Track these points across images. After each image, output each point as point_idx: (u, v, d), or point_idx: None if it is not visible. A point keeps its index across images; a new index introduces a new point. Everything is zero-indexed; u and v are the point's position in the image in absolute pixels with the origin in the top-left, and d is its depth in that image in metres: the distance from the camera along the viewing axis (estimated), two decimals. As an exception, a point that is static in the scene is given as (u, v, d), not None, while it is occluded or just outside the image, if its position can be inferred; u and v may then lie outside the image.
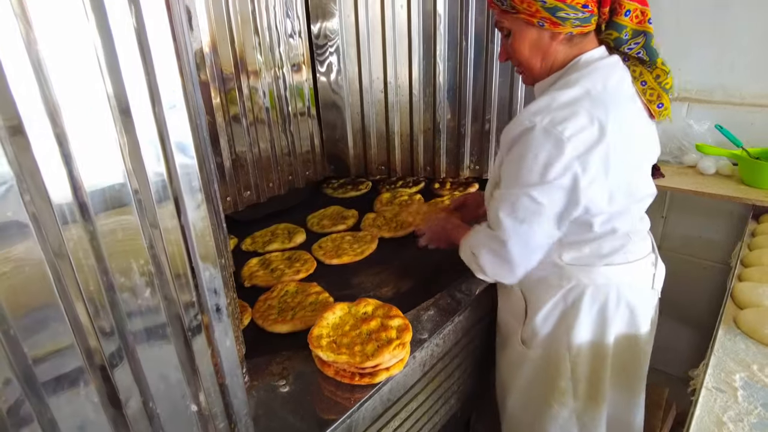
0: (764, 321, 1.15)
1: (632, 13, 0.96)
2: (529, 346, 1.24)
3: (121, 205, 0.57)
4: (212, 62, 1.56)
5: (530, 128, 0.96)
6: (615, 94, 1.01)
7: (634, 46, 1.01)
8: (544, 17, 0.97)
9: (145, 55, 0.55)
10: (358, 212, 1.82)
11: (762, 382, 1.03)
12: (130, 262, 0.60)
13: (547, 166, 0.96)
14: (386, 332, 1.06)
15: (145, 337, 0.64)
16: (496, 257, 1.08)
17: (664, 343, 2.41)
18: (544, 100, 0.99)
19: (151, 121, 0.57)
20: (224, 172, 1.70)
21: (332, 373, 1.02)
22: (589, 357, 1.20)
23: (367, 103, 1.95)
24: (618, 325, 1.18)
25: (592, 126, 0.95)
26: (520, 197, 1.00)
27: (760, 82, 1.84)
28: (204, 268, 0.68)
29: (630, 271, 1.16)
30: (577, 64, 1.03)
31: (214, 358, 0.72)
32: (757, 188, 1.75)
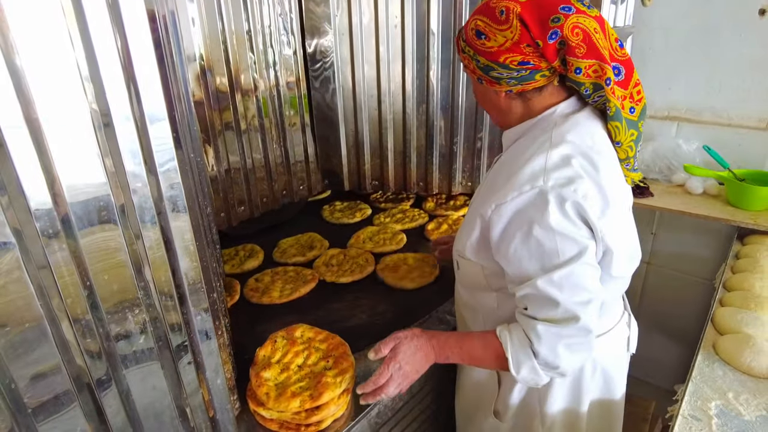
0: (742, 348, 1.19)
1: (585, 70, 0.86)
2: (501, 419, 1.15)
3: (105, 222, 0.60)
4: (207, 80, 1.58)
5: (537, 194, 0.86)
6: (603, 149, 0.92)
7: (598, 99, 0.91)
8: (481, 75, 0.93)
9: (127, 71, 0.57)
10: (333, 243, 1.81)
11: (736, 411, 1.06)
12: (119, 293, 0.62)
13: (578, 223, 0.86)
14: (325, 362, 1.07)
15: (138, 377, 0.66)
16: (580, 347, 0.91)
17: (652, 356, 2.45)
18: (536, 163, 0.88)
19: (134, 137, 0.59)
20: (218, 188, 1.72)
21: (276, 427, 1.01)
22: (564, 428, 1.12)
23: (361, 119, 1.97)
24: (593, 393, 1.12)
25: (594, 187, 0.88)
26: (572, 272, 0.86)
27: (748, 104, 1.88)
28: (195, 312, 0.70)
29: (606, 340, 1.09)
30: (551, 117, 0.95)
31: (205, 395, 0.75)
32: (743, 209, 1.78)
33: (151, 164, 0.61)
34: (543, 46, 0.85)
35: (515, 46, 0.86)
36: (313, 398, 0.98)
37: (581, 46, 0.84)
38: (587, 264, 0.88)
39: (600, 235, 0.88)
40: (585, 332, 0.89)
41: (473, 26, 0.90)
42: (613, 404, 1.17)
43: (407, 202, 2.14)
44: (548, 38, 0.84)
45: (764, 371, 1.14)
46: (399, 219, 1.98)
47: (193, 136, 1.18)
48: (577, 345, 0.90)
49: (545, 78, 0.90)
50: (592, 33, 0.84)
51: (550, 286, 0.87)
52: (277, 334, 1.14)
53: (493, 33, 0.87)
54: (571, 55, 0.85)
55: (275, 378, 1.03)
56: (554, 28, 0.83)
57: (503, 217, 0.89)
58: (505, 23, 0.85)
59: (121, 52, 0.55)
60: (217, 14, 1.57)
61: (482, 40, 0.89)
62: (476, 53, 0.90)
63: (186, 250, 0.66)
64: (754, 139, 1.89)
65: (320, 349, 1.11)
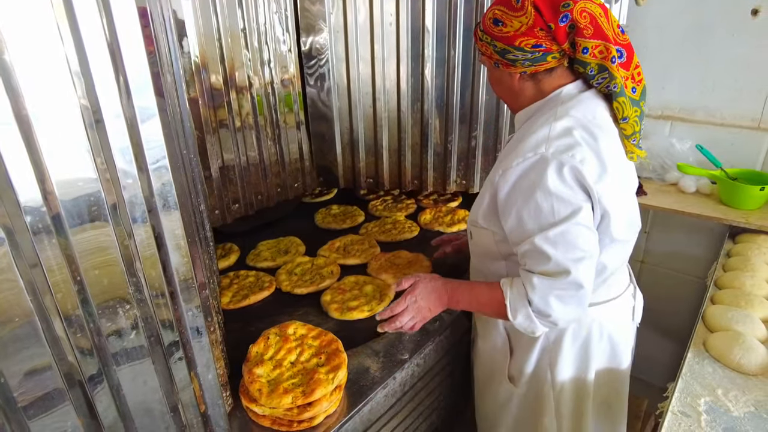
0: (732, 345, 1.20)
1: (591, 50, 0.95)
2: (516, 384, 1.25)
3: (95, 219, 0.60)
4: (202, 78, 1.58)
5: (538, 160, 0.95)
6: (603, 124, 1.00)
7: (601, 81, 0.99)
8: (498, 59, 1.02)
9: (118, 67, 0.56)
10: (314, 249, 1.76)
11: (725, 407, 1.07)
12: (110, 291, 0.62)
13: (575, 187, 0.94)
14: (318, 358, 1.08)
15: (129, 374, 0.67)
16: (571, 300, 0.99)
17: (645, 353, 2.46)
18: (540, 133, 0.98)
19: (124, 133, 0.59)
20: (212, 185, 1.72)
21: (268, 424, 1.01)
22: (572, 394, 1.21)
23: (356, 117, 1.98)
24: (600, 359, 1.19)
25: (593, 155, 0.95)
26: (569, 229, 0.95)
27: (740, 104, 1.89)
28: (187, 308, 0.70)
29: (612, 307, 1.17)
30: (558, 97, 1.03)
31: (197, 392, 0.75)
32: (735, 208, 1.80)
33: (141, 161, 0.61)
34: (555, 29, 0.94)
35: (529, 30, 0.95)
36: (305, 394, 0.99)
37: (589, 28, 0.93)
38: (581, 225, 0.96)
39: (597, 197, 0.96)
40: (576, 286, 0.98)
41: (491, 15, 1.00)
42: (620, 373, 1.24)
43: (404, 212, 2.03)
44: (560, 21, 0.93)
45: (753, 368, 1.15)
46: (387, 230, 1.88)
47: (187, 133, 1.18)
48: (568, 297, 0.99)
49: (556, 60, 0.99)
50: (597, 17, 0.94)
51: (545, 243, 0.97)
52: (270, 330, 1.14)
53: (510, 19, 0.97)
54: (580, 36, 0.94)
55: (268, 374, 1.04)
56: (565, 12, 0.93)
57: (509, 181, 1.00)
58: (521, 10, 0.95)
59: (111, 47, 0.55)
60: (212, 11, 1.56)
61: (499, 27, 0.98)
62: (493, 39, 1.00)
63: (177, 246, 0.66)
64: (747, 138, 1.90)
65: (313, 345, 1.11)
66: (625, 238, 1.10)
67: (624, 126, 1.02)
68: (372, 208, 2.09)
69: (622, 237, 1.07)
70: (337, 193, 2.30)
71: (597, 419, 1.25)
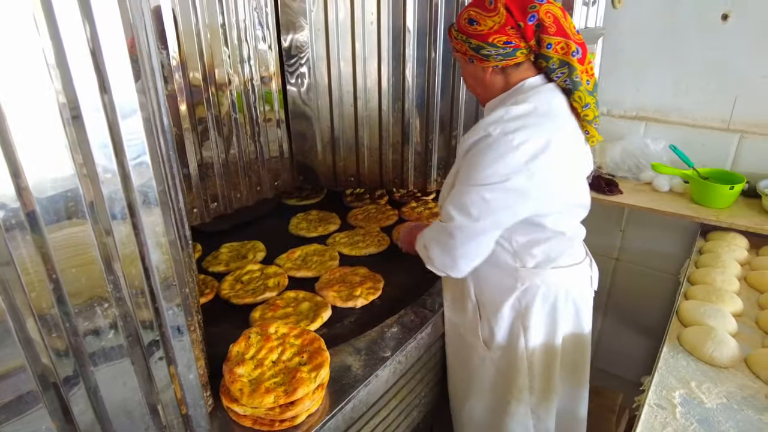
0: (704, 339, 1.23)
1: (554, 45, 1.07)
2: (489, 347, 1.32)
3: (73, 217, 0.58)
4: (180, 75, 1.55)
5: (485, 136, 1.08)
6: (557, 113, 1.13)
7: (561, 75, 1.12)
8: (472, 55, 1.13)
9: (97, 60, 0.55)
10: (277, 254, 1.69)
11: (699, 399, 1.10)
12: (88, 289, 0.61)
13: (498, 168, 1.06)
14: (300, 357, 1.08)
15: (108, 374, 0.65)
16: (444, 249, 1.18)
17: (620, 349, 2.52)
18: (498, 113, 1.10)
19: (104, 128, 0.57)
20: (191, 183, 1.69)
21: (250, 424, 1.01)
22: (543, 354, 1.31)
23: (337, 116, 1.97)
24: (565, 322, 1.30)
25: (538, 136, 1.07)
26: (470, 194, 1.10)
27: (711, 105, 1.95)
28: (167, 307, 0.69)
29: (575, 272, 1.28)
30: (522, 88, 1.16)
31: (177, 392, 0.74)
32: (706, 207, 1.85)
33: (122, 157, 0.60)
34: (524, 27, 1.06)
35: (501, 29, 1.07)
36: (287, 394, 0.98)
37: (552, 26, 1.06)
38: (479, 195, 1.08)
39: (529, 173, 1.06)
40: (449, 236, 1.15)
41: (466, 16, 1.12)
42: (583, 335, 1.36)
43: (380, 224, 1.92)
44: (528, 20, 1.06)
45: (725, 361, 1.19)
46: (354, 242, 1.78)
47: (165, 130, 1.16)
48: (441, 245, 1.19)
49: (523, 55, 1.11)
50: (559, 17, 1.07)
51: (454, 195, 1.14)
52: (251, 330, 1.13)
53: (483, 19, 1.09)
54: (545, 33, 1.07)
55: (249, 374, 1.03)
56: (532, 12, 1.06)
57: (463, 150, 1.14)
58: (493, 11, 1.08)
59: (91, 40, 0.54)
60: (191, 7, 1.54)
61: (474, 26, 1.10)
62: (468, 37, 1.12)
63: (158, 244, 0.65)
64: (717, 139, 1.96)
65: (295, 344, 1.11)
66: (571, 210, 1.22)
67: (587, 112, 1.16)
68: (351, 217, 2.00)
69: (566, 208, 1.19)
70: (324, 197, 2.22)
71: (564, 379, 1.37)
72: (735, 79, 1.88)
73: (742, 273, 1.58)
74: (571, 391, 1.39)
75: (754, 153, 1.91)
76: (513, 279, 1.24)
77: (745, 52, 1.82)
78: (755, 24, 1.78)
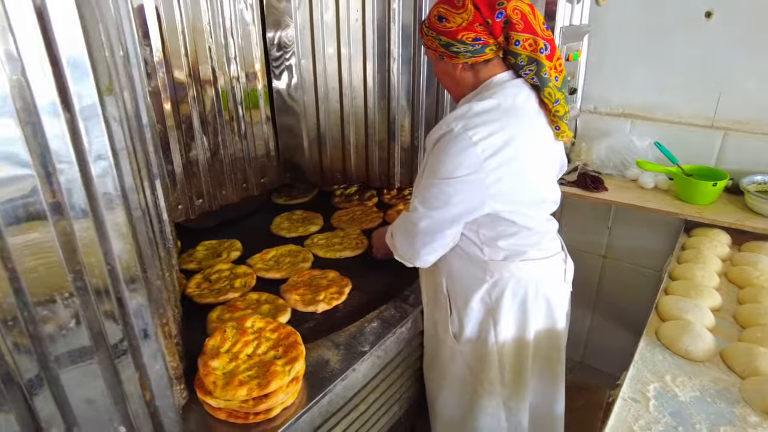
0: (681, 333, 1.24)
1: (522, 42, 1.08)
2: (458, 341, 1.33)
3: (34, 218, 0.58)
4: (164, 72, 1.56)
5: (448, 132, 1.10)
6: (522, 109, 1.15)
7: (529, 71, 1.13)
8: (442, 52, 1.15)
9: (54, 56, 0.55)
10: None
11: (672, 392, 1.11)
12: (51, 285, 0.61)
13: (458, 163, 1.08)
14: (275, 351, 1.08)
15: (67, 361, 0.66)
16: (406, 238, 1.23)
17: (607, 346, 2.53)
18: (462, 109, 1.13)
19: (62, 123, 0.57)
20: (176, 180, 1.70)
21: (224, 416, 1.02)
22: (514, 347, 1.32)
23: (323, 113, 1.98)
24: (537, 315, 1.31)
25: (500, 132, 1.09)
26: (432, 188, 1.13)
27: (695, 103, 1.95)
28: (131, 297, 0.70)
29: (545, 265, 1.29)
30: (489, 84, 1.17)
31: (142, 381, 0.75)
32: (690, 203, 1.86)
33: (81, 151, 0.60)
34: (492, 24, 1.08)
35: (470, 26, 1.09)
36: (261, 386, 0.99)
37: (520, 23, 1.07)
38: (440, 189, 1.12)
39: (489, 168, 1.08)
40: (411, 224, 1.19)
41: (436, 13, 1.13)
42: (556, 329, 1.37)
43: (363, 225, 1.87)
44: (496, 17, 1.07)
45: (700, 355, 1.20)
46: (332, 244, 1.74)
47: (143, 126, 1.17)
48: (404, 232, 1.23)
49: (492, 52, 1.12)
50: (527, 14, 1.08)
51: (418, 188, 1.18)
52: (227, 324, 1.14)
53: (452, 16, 1.10)
54: (513, 30, 1.08)
55: (224, 367, 1.03)
56: (500, 9, 1.07)
57: (429, 144, 1.17)
58: (462, 8, 1.09)
59: (45, 33, 0.54)
60: (176, 4, 1.55)
61: (443, 23, 1.11)
62: (438, 34, 1.13)
63: (120, 235, 0.66)
64: (702, 136, 1.96)
65: (271, 338, 1.11)
66: (536, 205, 1.23)
67: (557, 108, 1.17)
68: (335, 219, 1.95)
69: (530, 204, 1.21)
70: (314, 197, 2.19)
71: (537, 374, 1.38)
72: (719, 76, 1.88)
73: (723, 269, 1.58)
74: (545, 386, 1.40)
75: (737, 150, 1.91)
76: (482, 271, 1.26)
77: (729, 50, 1.83)
78: (739, 21, 1.79)
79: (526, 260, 1.25)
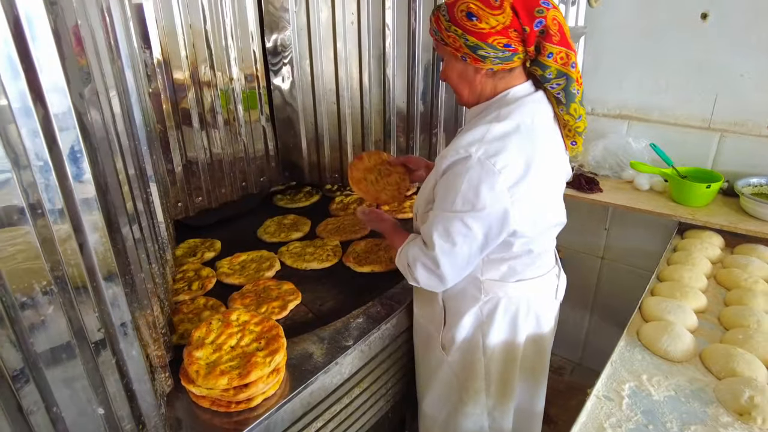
0: (661, 334, 1.25)
1: (555, 55, 1.02)
2: (447, 352, 1.33)
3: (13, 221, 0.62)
4: (163, 74, 1.62)
5: (466, 158, 1.03)
6: (541, 129, 1.09)
7: (556, 86, 1.07)
8: (467, 53, 1.04)
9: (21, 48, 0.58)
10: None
11: (647, 391, 1.12)
12: (30, 278, 0.66)
13: (480, 195, 1.02)
14: (257, 343, 1.12)
15: (48, 350, 0.70)
16: (429, 273, 1.15)
17: (604, 347, 2.51)
18: (479, 131, 1.05)
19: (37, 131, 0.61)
20: (175, 178, 1.75)
21: (208, 404, 1.05)
22: (502, 360, 1.31)
23: (320, 114, 2.02)
24: (526, 331, 1.30)
25: (520, 159, 1.03)
26: (453, 221, 1.06)
27: (691, 104, 1.95)
28: (107, 286, 0.74)
29: (538, 284, 1.27)
30: (505, 98, 1.10)
31: (120, 367, 0.79)
32: (684, 205, 1.86)
33: (56, 150, 0.64)
34: (528, 33, 1.00)
35: (504, 30, 1.00)
36: (241, 376, 1.03)
37: (557, 35, 1.01)
38: (463, 223, 1.06)
39: (512, 199, 1.04)
40: (435, 264, 1.12)
41: (464, 8, 1.00)
42: (543, 342, 1.36)
43: (346, 236, 1.80)
44: (534, 25, 0.99)
45: (679, 355, 1.21)
46: (306, 254, 1.68)
47: (137, 126, 1.22)
48: (427, 269, 1.15)
49: (519, 60, 1.06)
50: (564, 25, 1.02)
51: (434, 220, 1.10)
52: (213, 316, 1.18)
53: (486, 16, 0.99)
54: (548, 41, 1.01)
55: (207, 357, 1.08)
56: (539, 18, 0.99)
57: (440, 168, 1.09)
58: (499, 9, 0.99)
59: (15, 33, 0.57)
60: (175, 6, 1.60)
61: (473, 21, 1.00)
62: (465, 33, 1.02)
63: (95, 227, 0.70)
64: (698, 137, 1.96)
65: (254, 331, 1.15)
66: (548, 230, 1.20)
67: (579, 123, 1.13)
68: (320, 227, 1.89)
69: (544, 228, 1.17)
70: (315, 201, 2.17)
71: (522, 381, 1.38)
72: (715, 77, 1.88)
73: (713, 271, 1.59)
74: (528, 390, 1.41)
75: (734, 152, 1.90)
76: (478, 290, 1.24)
77: (725, 51, 1.83)
78: (735, 22, 1.78)
79: (521, 280, 1.23)
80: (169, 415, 1.03)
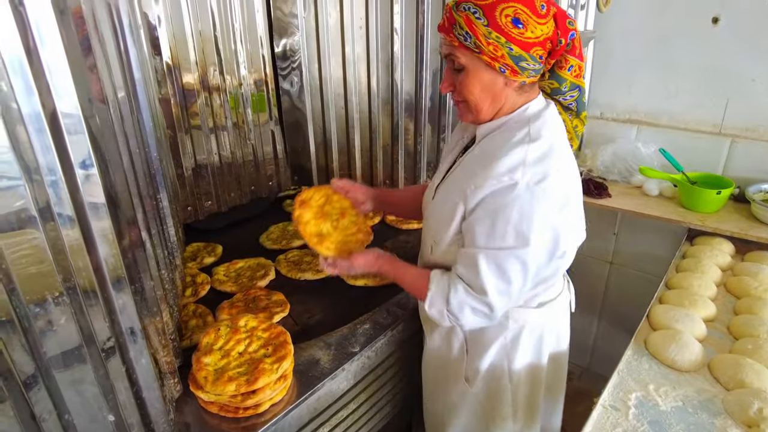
0: (669, 343, 1.24)
1: (574, 67, 1.00)
2: (471, 384, 1.26)
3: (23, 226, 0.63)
4: (174, 79, 1.63)
5: (512, 185, 0.94)
6: (566, 143, 1.06)
7: (570, 98, 1.05)
8: (507, 64, 0.94)
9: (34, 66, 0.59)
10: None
11: (654, 401, 1.12)
12: (41, 285, 0.67)
13: (533, 225, 0.95)
14: (265, 349, 1.13)
15: (60, 358, 0.72)
16: (481, 316, 1.07)
17: (615, 354, 2.50)
18: (516, 155, 0.96)
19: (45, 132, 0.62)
20: (184, 182, 1.77)
21: (216, 410, 1.06)
22: (528, 383, 1.26)
23: (328, 118, 2.02)
24: (549, 350, 1.26)
25: (562, 180, 0.98)
26: (508, 259, 0.98)
27: (702, 109, 1.93)
28: (117, 296, 0.75)
29: (557, 304, 1.23)
30: (525, 114, 1.02)
31: (129, 374, 0.80)
32: (693, 211, 1.84)
33: (65, 158, 0.65)
34: (562, 45, 0.96)
35: (545, 41, 0.94)
36: (249, 383, 1.04)
37: (577, 48, 0.99)
38: (521, 259, 0.98)
39: (562, 223, 0.99)
40: (489, 308, 1.04)
41: (510, 13, 0.90)
42: (562, 358, 1.33)
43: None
44: (568, 37, 0.96)
45: (686, 365, 1.20)
46: (303, 263, 1.66)
47: (147, 131, 1.23)
48: (480, 313, 1.06)
49: (541, 73, 1.02)
50: (579, 36, 0.99)
51: (483, 260, 1.00)
52: (222, 322, 1.19)
53: (533, 25, 0.91)
54: (572, 53, 0.99)
55: (215, 363, 1.09)
56: (571, 30, 0.96)
57: (477, 197, 0.99)
58: (545, 18, 0.93)
59: (26, 45, 0.58)
60: (184, 12, 1.62)
61: (520, 29, 0.91)
62: (509, 41, 0.91)
63: (104, 238, 0.71)
64: (709, 143, 1.94)
65: (262, 337, 1.16)
66: (572, 253, 1.14)
67: (581, 128, 1.13)
68: None
69: (572, 251, 1.12)
70: None
71: (543, 401, 1.33)
72: (726, 82, 1.86)
73: (723, 278, 1.57)
74: (548, 407, 1.37)
75: (745, 157, 1.89)
76: (505, 318, 1.17)
77: (736, 56, 1.81)
78: (746, 27, 1.76)
79: (541, 305, 1.18)
80: (178, 421, 1.05)
